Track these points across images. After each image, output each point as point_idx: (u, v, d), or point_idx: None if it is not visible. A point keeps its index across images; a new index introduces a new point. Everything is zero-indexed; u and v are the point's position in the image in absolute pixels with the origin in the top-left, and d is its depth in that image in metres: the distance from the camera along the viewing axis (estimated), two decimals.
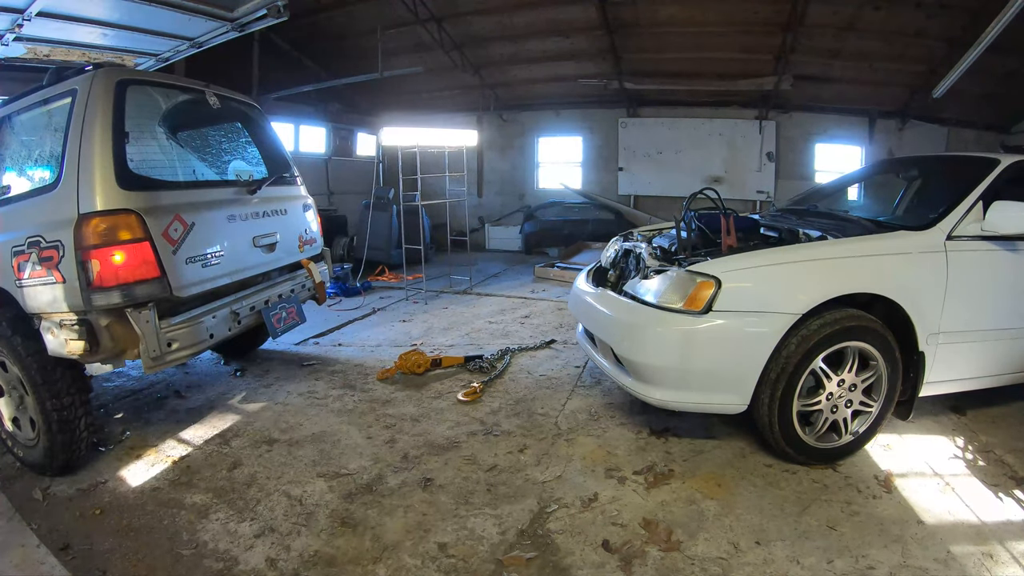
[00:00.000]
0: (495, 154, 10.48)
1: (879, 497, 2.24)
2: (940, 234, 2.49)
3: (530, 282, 7.00)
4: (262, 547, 1.99)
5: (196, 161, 3.02)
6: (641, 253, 2.92)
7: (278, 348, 4.29)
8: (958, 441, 2.70)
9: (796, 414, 2.37)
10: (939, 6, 5.97)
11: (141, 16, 3.51)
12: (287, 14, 3.63)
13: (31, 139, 2.68)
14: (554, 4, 7.17)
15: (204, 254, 2.68)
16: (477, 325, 4.91)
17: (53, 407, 2.35)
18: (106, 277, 2.26)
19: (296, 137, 9.10)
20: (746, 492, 2.28)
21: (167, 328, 2.44)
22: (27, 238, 2.35)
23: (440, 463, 2.54)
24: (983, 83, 6.68)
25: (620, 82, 8.51)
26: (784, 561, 1.87)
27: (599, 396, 3.27)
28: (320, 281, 3.59)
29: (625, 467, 2.49)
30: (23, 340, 2.37)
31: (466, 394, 3.25)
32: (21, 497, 2.34)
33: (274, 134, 3.61)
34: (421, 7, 7.40)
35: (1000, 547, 1.93)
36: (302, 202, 3.59)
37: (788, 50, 7.14)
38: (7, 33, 3.50)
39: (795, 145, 8.88)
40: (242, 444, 2.76)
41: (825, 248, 2.48)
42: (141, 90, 2.70)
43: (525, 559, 1.91)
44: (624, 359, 2.56)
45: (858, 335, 2.35)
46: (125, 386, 3.58)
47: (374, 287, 6.67)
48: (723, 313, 2.30)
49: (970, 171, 2.76)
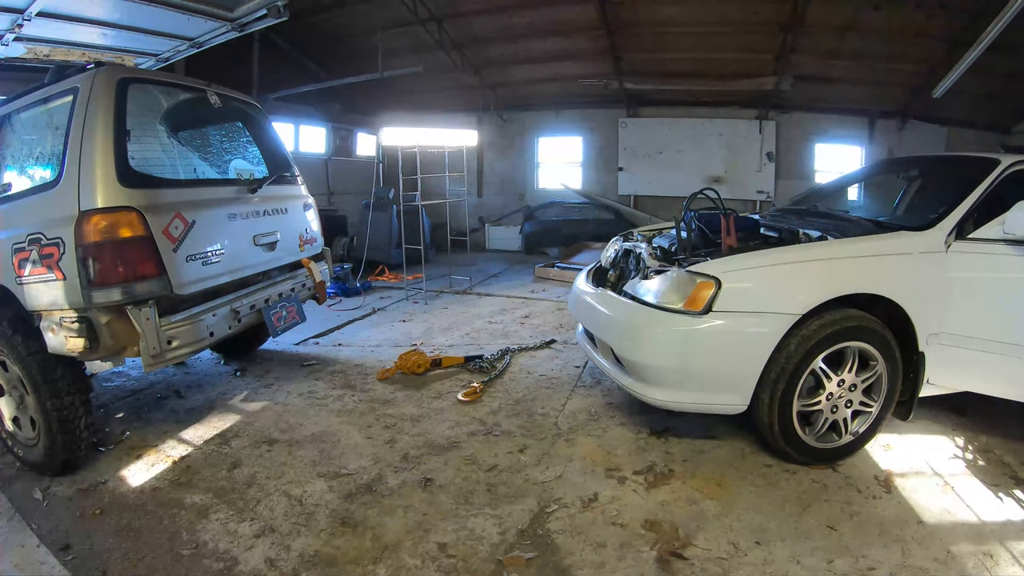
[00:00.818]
0: (495, 154, 10.48)
1: (879, 497, 2.24)
2: (940, 234, 2.49)
3: (530, 282, 7.00)
4: (262, 547, 1.99)
5: (197, 159, 3.02)
6: (641, 253, 2.92)
7: (278, 348, 4.29)
8: (958, 441, 2.70)
9: (796, 414, 2.37)
10: (939, 6, 5.97)
11: (141, 16, 3.51)
12: (287, 14, 3.63)
13: (32, 137, 2.68)
14: (554, 4, 7.17)
15: (204, 252, 2.68)
16: (477, 325, 4.91)
17: (53, 406, 2.34)
18: (106, 274, 2.26)
19: (296, 137, 9.10)
20: (746, 492, 2.28)
21: (167, 326, 2.44)
22: (28, 235, 2.35)
23: (440, 463, 2.54)
24: (983, 83, 6.68)
25: (620, 82, 8.52)
26: (784, 561, 1.87)
27: (599, 396, 3.27)
28: (320, 280, 3.58)
29: (625, 467, 2.49)
30: (24, 339, 2.37)
31: (466, 394, 3.25)
32: (21, 497, 2.34)
33: (275, 133, 3.61)
34: (421, 7, 7.40)
35: (1000, 547, 1.93)
36: (303, 201, 3.59)
37: (788, 50, 7.14)
38: (7, 33, 3.50)
39: (795, 145, 8.88)
40: (242, 444, 2.76)
41: (825, 248, 2.48)
42: (143, 88, 2.70)
43: (525, 559, 1.91)
44: (624, 359, 2.56)
45: (858, 335, 2.35)
46: (125, 386, 3.57)
47: (374, 287, 6.67)
48: (723, 313, 2.29)
49: (970, 171, 2.75)
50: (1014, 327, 2.41)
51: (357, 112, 10.31)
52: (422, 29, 7.84)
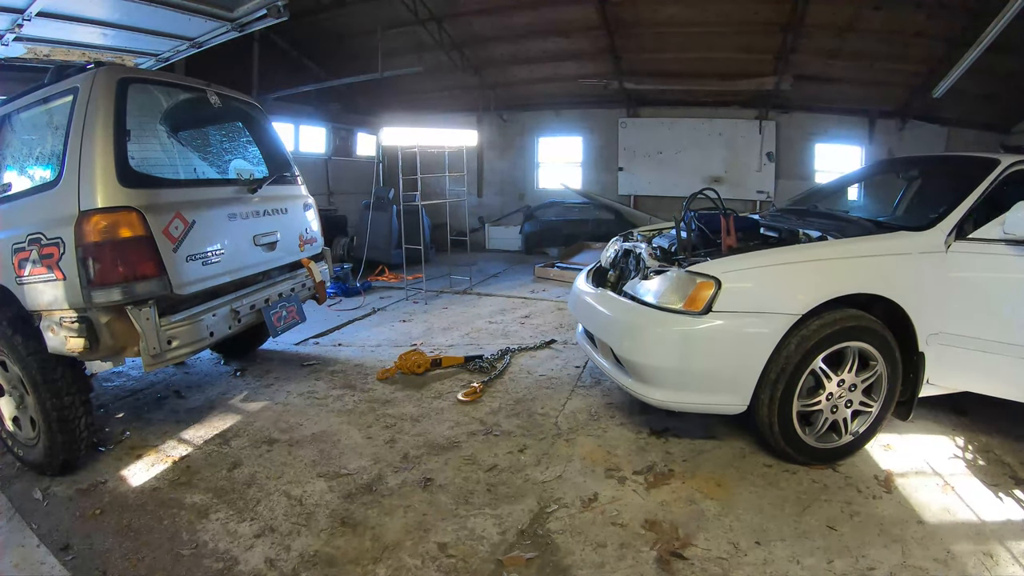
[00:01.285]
0: (495, 154, 10.48)
1: (879, 497, 2.24)
2: (940, 234, 2.49)
3: (530, 282, 7.00)
4: (262, 547, 1.99)
5: (197, 159, 3.02)
6: (641, 253, 2.92)
7: (278, 348, 4.29)
8: (958, 441, 2.70)
9: (796, 414, 2.36)
10: (939, 6, 5.98)
11: (141, 16, 3.51)
12: (287, 14, 3.63)
13: (32, 137, 2.68)
14: (554, 4, 7.18)
15: (204, 252, 2.68)
16: (477, 325, 4.91)
17: (53, 406, 2.34)
18: (106, 274, 2.26)
19: (296, 137, 9.11)
20: (746, 492, 2.28)
21: (167, 326, 2.44)
22: (28, 235, 2.35)
23: (440, 463, 2.54)
24: (983, 83, 6.69)
25: (620, 82, 8.52)
26: (784, 561, 1.87)
27: (599, 396, 3.27)
28: (320, 280, 3.58)
29: (625, 467, 2.49)
30: (24, 339, 2.37)
31: (466, 394, 3.25)
32: (21, 497, 2.34)
33: (275, 133, 3.61)
34: (421, 7, 7.40)
35: (1000, 547, 1.93)
36: (303, 201, 3.59)
37: (788, 50, 7.15)
38: (7, 33, 3.50)
39: (795, 145, 8.89)
40: (242, 444, 2.76)
41: (825, 248, 2.48)
42: (143, 88, 2.70)
43: (525, 559, 1.91)
44: (624, 359, 2.56)
45: (858, 335, 2.35)
46: (125, 386, 3.57)
47: (374, 287, 6.67)
48: (723, 314, 2.29)
49: (970, 171, 2.75)
50: (1014, 327, 2.41)
51: (357, 112, 10.31)
52: (422, 29, 7.84)
